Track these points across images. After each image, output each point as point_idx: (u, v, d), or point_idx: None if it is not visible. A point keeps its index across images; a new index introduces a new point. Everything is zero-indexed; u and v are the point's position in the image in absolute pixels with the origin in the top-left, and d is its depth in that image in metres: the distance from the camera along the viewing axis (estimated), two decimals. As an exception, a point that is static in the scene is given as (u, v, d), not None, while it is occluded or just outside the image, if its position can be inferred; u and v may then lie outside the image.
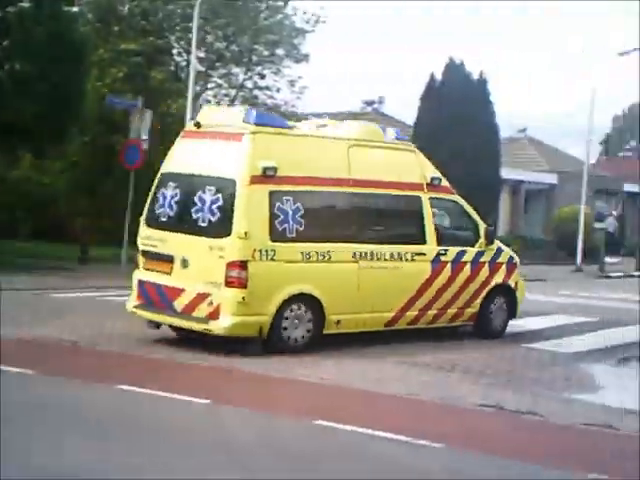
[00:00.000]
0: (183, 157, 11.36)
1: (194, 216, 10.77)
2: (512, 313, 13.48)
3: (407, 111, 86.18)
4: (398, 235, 12.08)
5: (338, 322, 11.11)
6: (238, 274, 10.24)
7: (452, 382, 9.93)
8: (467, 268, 12.54)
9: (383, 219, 12.05)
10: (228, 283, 10.29)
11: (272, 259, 10.46)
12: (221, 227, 10.47)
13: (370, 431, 7.21)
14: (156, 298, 11.09)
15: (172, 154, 11.60)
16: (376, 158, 11.92)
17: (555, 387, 10.12)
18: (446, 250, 12.26)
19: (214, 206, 10.60)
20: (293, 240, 10.68)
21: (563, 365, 11.61)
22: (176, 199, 11.09)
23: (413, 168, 12.30)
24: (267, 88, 29.53)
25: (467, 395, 9.17)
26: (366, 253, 11.32)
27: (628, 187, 45.12)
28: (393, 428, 7.29)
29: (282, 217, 10.60)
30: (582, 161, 33.77)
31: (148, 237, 11.37)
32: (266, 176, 10.51)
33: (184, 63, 28.06)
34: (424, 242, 12.08)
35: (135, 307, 11.37)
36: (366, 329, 11.58)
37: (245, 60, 29.10)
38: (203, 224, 10.71)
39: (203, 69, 27.90)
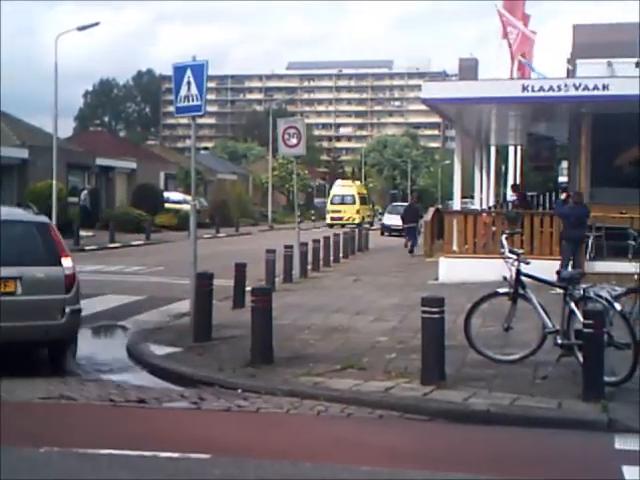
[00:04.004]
0: (337, 190, 58.45)
1: (346, 202, 56.82)
2: None
3: None
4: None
5: None
6: (359, 211, 56.02)
7: None
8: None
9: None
10: (357, 213, 55.52)
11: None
12: (354, 203, 56.49)
13: None
14: (337, 219, 54.90)
15: (334, 189, 59.18)
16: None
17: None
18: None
19: (350, 199, 56.72)
20: None
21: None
22: (339, 198, 57.16)
23: (355, 188, 58.87)
24: None
25: None
26: None
27: (100, 161, 46.15)
28: None
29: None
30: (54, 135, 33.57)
31: (331, 208, 56.99)
32: (359, 194, 58.52)
33: None
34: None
35: (330, 222, 54.90)
36: None
37: None
38: (350, 204, 56.43)
39: None
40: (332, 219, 54.97)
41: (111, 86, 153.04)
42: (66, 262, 9.87)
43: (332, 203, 57.05)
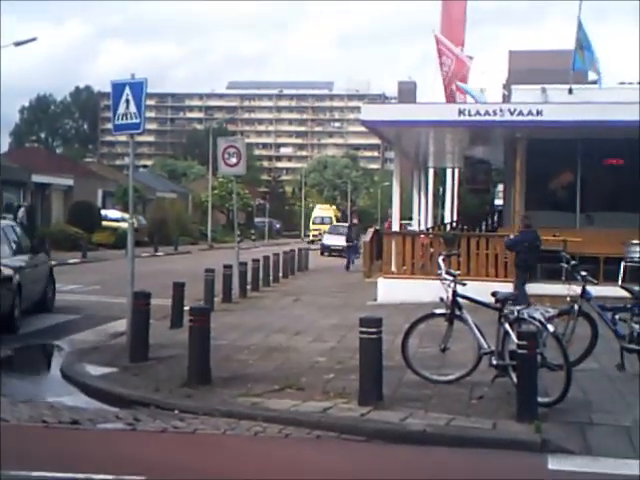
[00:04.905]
0: (318, 212, 74.69)
1: (325, 222, 66.64)
2: None
3: None
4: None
5: None
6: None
7: None
8: None
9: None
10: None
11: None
12: (331, 223, 60.97)
13: None
14: (318, 235, 61.12)
15: (315, 212, 75.37)
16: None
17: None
18: None
19: (328, 220, 68.44)
20: None
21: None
22: (319, 219, 71.56)
23: (332, 211, 75.79)
24: None
25: None
26: None
27: (36, 178, 45.45)
28: None
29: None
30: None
31: (313, 227, 70.44)
32: (335, 216, 74.21)
33: None
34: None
35: (312, 238, 65.11)
36: None
37: None
38: (328, 224, 60.61)
39: None
40: (314, 236, 66.06)
41: (48, 102, 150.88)
42: None
43: (314, 223, 71.73)
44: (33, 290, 15.84)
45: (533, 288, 17.35)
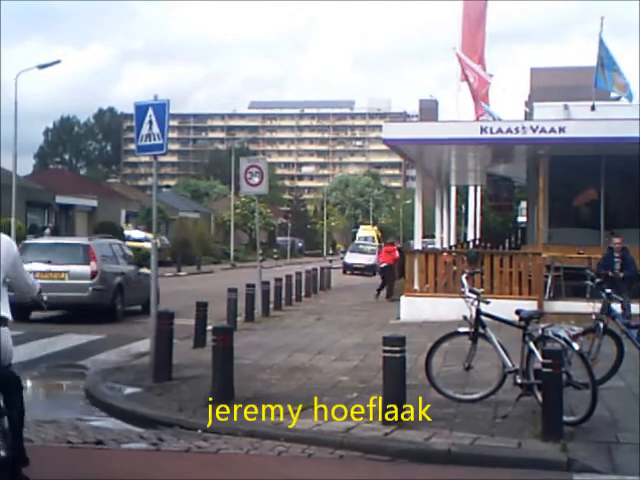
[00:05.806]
0: (361, 233, 70.75)
1: (367, 240, 59.76)
2: None
3: None
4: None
5: None
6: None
7: None
8: None
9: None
10: None
11: None
12: (373, 242, 59.29)
13: None
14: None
15: (359, 233, 72.10)
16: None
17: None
18: None
19: (371, 239, 62.30)
20: None
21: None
22: (363, 238, 62.47)
23: (374, 231, 70.77)
24: None
25: None
26: None
27: (60, 199, 45.86)
28: None
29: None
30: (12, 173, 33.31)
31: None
32: (377, 236, 66.71)
33: None
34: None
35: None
36: None
37: None
38: (366, 244, 53.61)
39: None
40: None
41: (72, 124, 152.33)
42: (92, 264, 18.56)
43: (353, 241, 76.89)
44: (136, 294, 19.59)
45: (558, 306, 17.28)
